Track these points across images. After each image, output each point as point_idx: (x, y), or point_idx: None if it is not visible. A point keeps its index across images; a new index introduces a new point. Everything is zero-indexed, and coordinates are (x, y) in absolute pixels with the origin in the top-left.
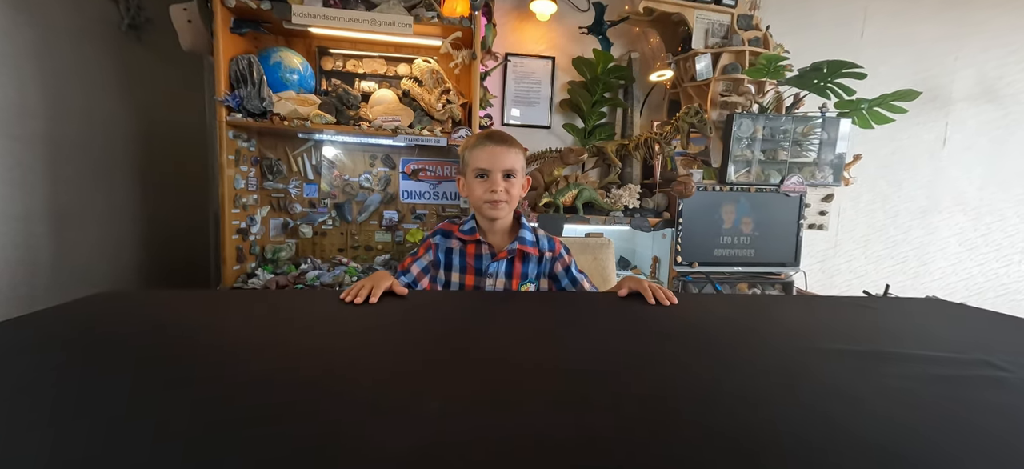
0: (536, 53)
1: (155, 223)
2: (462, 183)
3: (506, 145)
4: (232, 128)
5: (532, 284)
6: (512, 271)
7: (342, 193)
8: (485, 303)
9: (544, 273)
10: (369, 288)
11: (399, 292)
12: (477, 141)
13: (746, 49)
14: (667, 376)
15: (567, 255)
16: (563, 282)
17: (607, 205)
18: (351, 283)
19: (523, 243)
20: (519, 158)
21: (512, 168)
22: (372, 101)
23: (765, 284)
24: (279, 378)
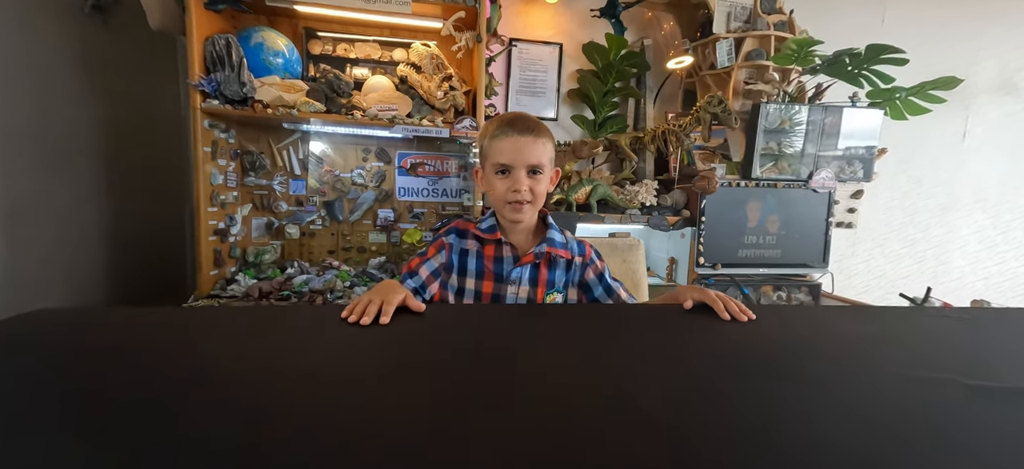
0: (543, 38)
1: (123, 222)
2: (480, 176)
3: (533, 134)
4: (208, 116)
5: (560, 294)
6: (537, 278)
7: (332, 190)
8: (521, 321)
9: (573, 281)
10: (379, 304)
11: (415, 308)
12: (497, 129)
13: (771, 33)
14: (794, 437)
15: (599, 260)
16: (596, 292)
17: (622, 202)
18: (343, 289)
19: (552, 246)
20: (547, 149)
21: (539, 162)
22: (366, 89)
23: (791, 287)
24: (264, 450)
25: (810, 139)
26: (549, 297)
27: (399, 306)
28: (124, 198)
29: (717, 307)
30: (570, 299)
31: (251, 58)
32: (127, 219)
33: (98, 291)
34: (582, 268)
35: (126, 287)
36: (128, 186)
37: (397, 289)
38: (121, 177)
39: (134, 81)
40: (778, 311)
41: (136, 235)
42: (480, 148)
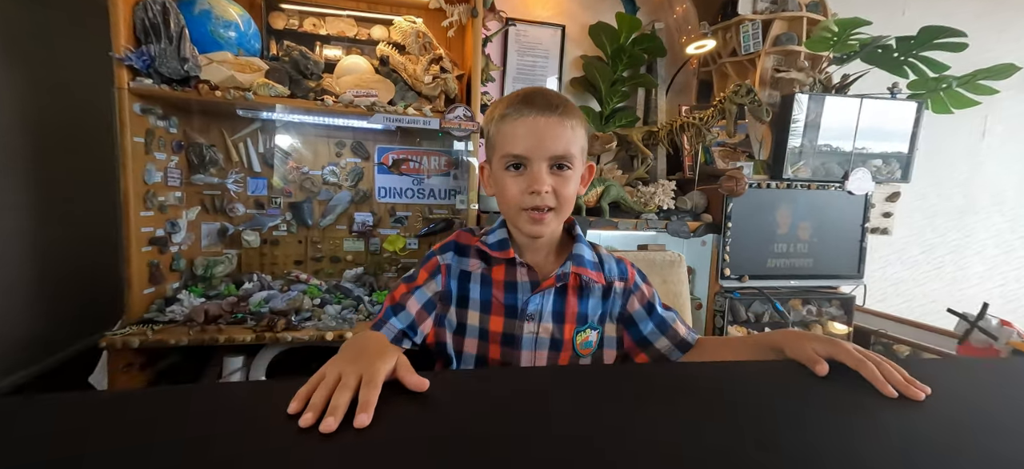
0: (543, 18)
1: (48, 230)
2: (486, 174)
3: (558, 114)
4: (139, 99)
5: (594, 331)
6: (564, 311)
7: (300, 190)
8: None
9: (611, 314)
10: (353, 386)
11: (412, 386)
12: (510, 108)
13: (804, 15)
14: None
15: (646, 285)
16: (644, 328)
17: (637, 205)
18: (312, 308)
19: (581, 265)
20: (577, 135)
21: (566, 153)
22: (339, 70)
23: (821, 300)
24: None
25: (843, 136)
26: (581, 336)
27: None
28: (48, 201)
29: (870, 375)
30: (608, 337)
31: (195, 29)
32: (51, 226)
33: (12, 315)
34: (624, 296)
35: (49, 308)
36: (53, 186)
37: (382, 353)
38: (45, 176)
39: (62, 58)
40: (953, 369)
41: (63, 245)
42: (486, 136)
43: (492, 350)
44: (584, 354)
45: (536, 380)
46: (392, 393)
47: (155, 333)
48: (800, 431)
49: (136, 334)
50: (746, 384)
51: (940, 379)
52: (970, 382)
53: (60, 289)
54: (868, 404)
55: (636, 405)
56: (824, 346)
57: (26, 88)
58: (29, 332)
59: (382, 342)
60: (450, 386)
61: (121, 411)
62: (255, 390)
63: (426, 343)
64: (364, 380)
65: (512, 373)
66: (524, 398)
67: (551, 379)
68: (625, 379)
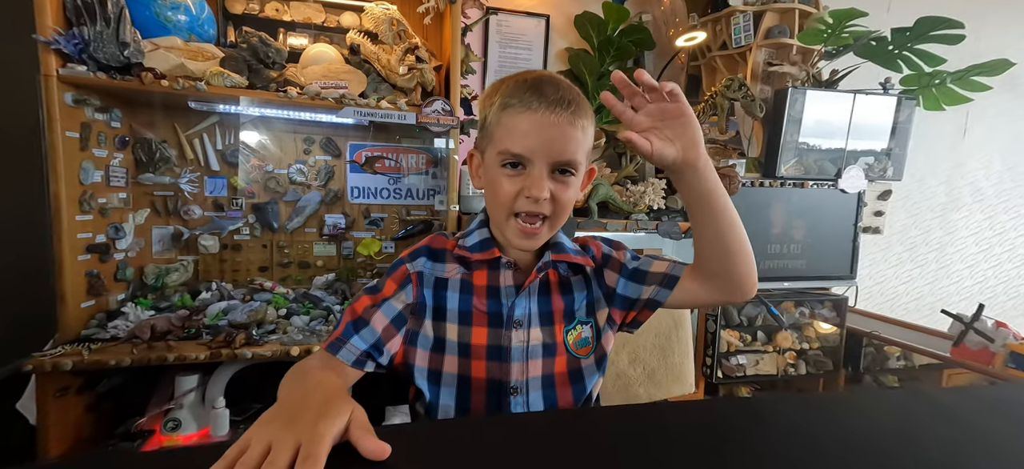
0: (526, 8)
1: None
2: (475, 164)
3: (569, 112)
4: (71, 88)
5: (585, 325)
6: (551, 311)
7: (264, 190)
8: None
9: (597, 299)
10: (284, 464)
11: (368, 451)
12: (513, 94)
13: (796, 7)
14: None
15: (616, 250)
16: (626, 290)
17: (627, 205)
18: (277, 320)
19: (560, 252)
20: (587, 136)
21: (573, 159)
22: (304, 60)
23: (813, 301)
24: None
25: (836, 132)
26: (572, 334)
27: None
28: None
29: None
30: (601, 326)
31: (138, 10)
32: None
33: None
34: (598, 274)
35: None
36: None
37: (330, 406)
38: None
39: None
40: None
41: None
42: (482, 121)
43: (476, 367)
44: (582, 353)
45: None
46: (342, 464)
47: (93, 353)
48: None
49: (70, 355)
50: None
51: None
52: None
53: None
54: None
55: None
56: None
57: None
58: None
59: (330, 389)
60: (419, 450)
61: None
62: (156, 463)
63: (394, 365)
64: (302, 453)
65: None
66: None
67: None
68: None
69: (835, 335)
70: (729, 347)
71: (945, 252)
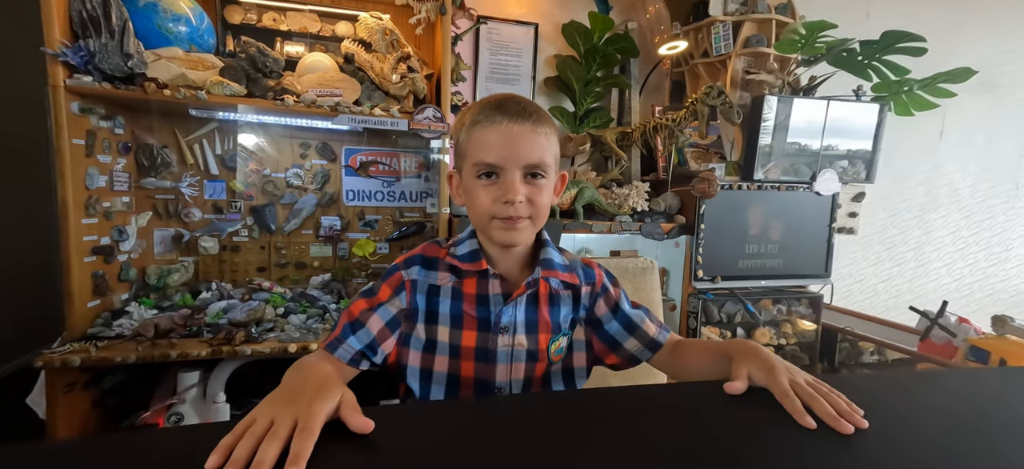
0: (515, 17)
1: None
2: (454, 183)
3: (530, 121)
4: (78, 98)
5: (566, 337)
6: (537, 321)
7: (262, 193)
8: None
9: (580, 318)
10: (283, 436)
11: (355, 426)
12: (479, 113)
13: (772, 17)
14: None
15: (614, 286)
16: (610, 327)
17: (611, 208)
18: (274, 318)
19: (551, 268)
20: (551, 143)
21: (541, 162)
22: (301, 68)
23: (790, 299)
24: None
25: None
26: (554, 344)
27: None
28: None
29: (788, 403)
30: (577, 341)
31: (141, 23)
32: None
33: None
34: (592, 299)
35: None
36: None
37: (323, 390)
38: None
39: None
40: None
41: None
42: (455, 143)
43: (465, 367)
44: (556, 360)
45: (490, 413)
46: (333, 438)
47: (99, 350)
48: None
49: (78, 352)
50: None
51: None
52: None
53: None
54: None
55: (578, 432)
56: (760, 372)
57: None
58: None
59: (325, 375)
60: (398, 426)
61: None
62: (172, 439)
63: (387, 364)
64: (299, 426)
65: (465, 407)
66: (477, 435)
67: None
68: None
69: (811, 331)
70: None
71: (923, 251)
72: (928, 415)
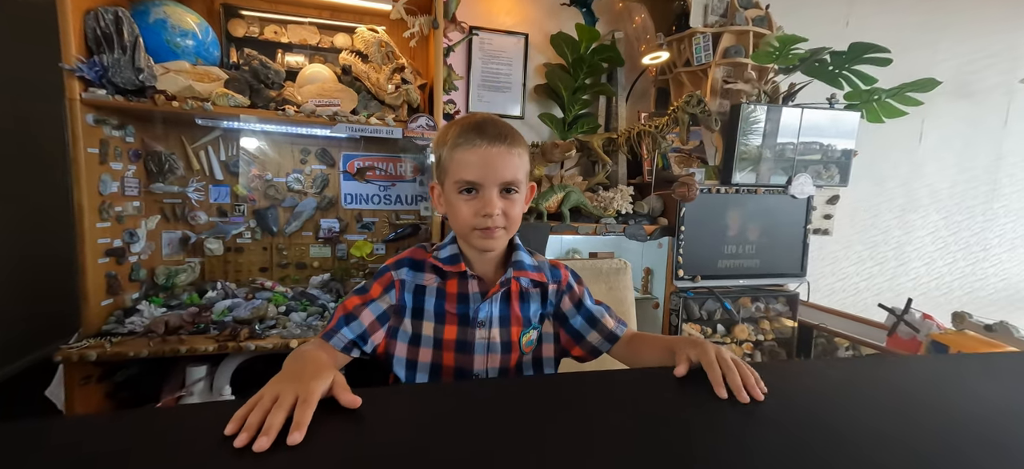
0: (506, 27)
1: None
2: (437, 194)
3: (506, 144)
4: (93, 110)
5: (535, 330)
6: (510, 316)
7: (264, 197)
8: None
9: (549, 313)
10: (288, 405)
11: (346, 403)
12: (460, 135)
13: (750, 29)
14: None
15: (578, 284)
16: (574, 322)
17: (597, 211)
18: (276, 316)
19: (522, 269)
20: (524, 161)
21: (515, 179)
22: (301, 79)
23: (768, 297)
24: None
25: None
26: (525, 336)
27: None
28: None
29: (712, 376)
30: (545, 333)
31: (151, 38)
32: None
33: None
34: (558, 296)
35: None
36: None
37: (319, 372)
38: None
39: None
40: (789, 374)
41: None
42: (437, 159)
43: (446, 357)
44: (527, 351)
45: (466, 396)
46: (327, 412)
47: (113, 345)
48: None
49: (94, 347)
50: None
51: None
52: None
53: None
54: (712, 406)
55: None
56: (694, 351)
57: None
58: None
59: (320, 361)
60: (382, 404)
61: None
62: (196, 413)
63: (377, 354)
64: (300, 400)
65: (443, 389)
66: (453, 411)
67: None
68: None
69: (789, 328)
70: None
71: (903, 250)
72: (821, 394)
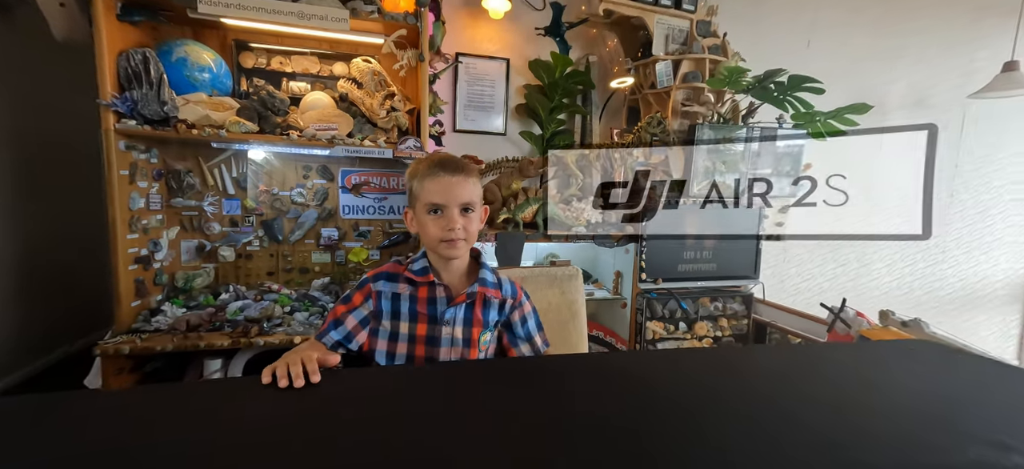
0: (489, 53)
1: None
2: (410, 217)
3: (462, 174)
4: (124, 138)
5: (491, 333)
6: (472, 318)
7: (271, 209)
8: None
9: (501, 320)
10: (299, 363)
11: (330, 362)
12: (427, 170)
13: (706, 57)
14: None
15: (528, 302)
16: (517, 333)
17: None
18: (282, 316)
19: (484, 286)
20: (477, 188)
21: (470, 201)
22: (303, 105)
23: (726, 297)
24: None
25: (743, 157)
26: (483, 336)
27: None
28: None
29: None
30: (494, 334)
31: (173, 74)
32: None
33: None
34: (511, 309)
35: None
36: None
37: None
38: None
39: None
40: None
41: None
42: (409, 189)
43: (418, 349)
44: (483, 349)
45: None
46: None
47: (143, 341)
48: None
49: (126, 342)
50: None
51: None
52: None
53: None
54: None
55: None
56: None
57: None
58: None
59: (313, 345)
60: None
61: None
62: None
63: (363, 350)
64: (305, 359)
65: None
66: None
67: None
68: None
69: (744, 324)
70: (655, 335)
71: (865, 253)
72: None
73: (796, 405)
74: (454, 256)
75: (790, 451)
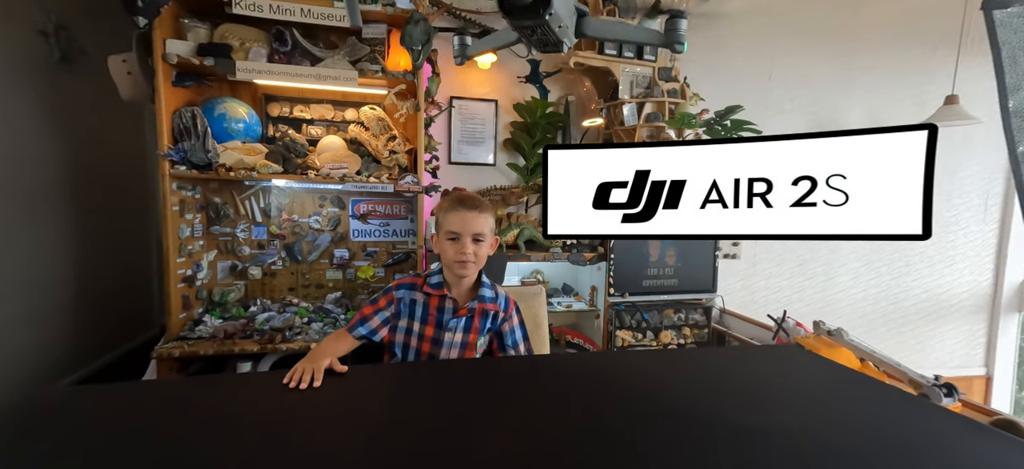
0: (479, 96)
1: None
2: (435, 241)
3: (477, 211)
4: (176, 180)
5: (485, 338)
6: (471, 326)
7: (292, 234)
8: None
9: (492, 329)
10: (311, 371)
11: (338, 369)
12: (450, 206)
13: (665, 100)
14: None
15: (517, 316)
16: (506, 340)
17: (546, 242)
18: (301, 325)
19: (483, 301)
20: (488, 221)
21: (481, 232)
22: (320, 148)
23: (688, 309)
24: None
25: None
26: (479, 341)
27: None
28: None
29: None
30: (486, 339)
31: (214, 126)
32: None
33: (64, 333)
34: (504, 320)
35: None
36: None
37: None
38: (88, 222)
39: (102, 128)
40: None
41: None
42: (436, 219)
43: (425, 346)
44: (478, 352)
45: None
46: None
47: (189, 346)
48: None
49: (176, 347)
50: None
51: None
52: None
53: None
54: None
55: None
56: None
57: (78, 151)
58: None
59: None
60: (363, 376)
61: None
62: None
63: (383, 342)
64: (315, 369)
65: (412, 365)
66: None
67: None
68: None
69: (705, 333)
70: (624, 342)
71: (831, 266)
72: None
73: (667, 380)
74: (464, 275)
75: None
